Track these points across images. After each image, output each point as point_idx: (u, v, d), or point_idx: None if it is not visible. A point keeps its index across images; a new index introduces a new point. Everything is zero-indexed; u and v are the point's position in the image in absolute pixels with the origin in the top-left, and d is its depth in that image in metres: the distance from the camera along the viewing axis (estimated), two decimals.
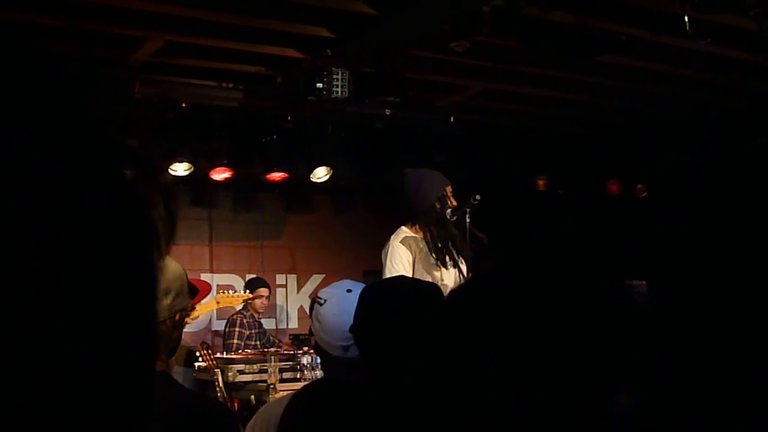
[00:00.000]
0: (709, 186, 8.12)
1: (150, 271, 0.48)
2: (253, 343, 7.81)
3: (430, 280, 4.86)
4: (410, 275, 4.78)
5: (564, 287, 1.08)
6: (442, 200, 4.92)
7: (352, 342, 2.45)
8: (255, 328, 7.98)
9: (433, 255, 4.85)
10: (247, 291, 8.13)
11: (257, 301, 8.05)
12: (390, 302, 2.31)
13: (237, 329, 7.81)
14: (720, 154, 8.15)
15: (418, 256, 4.89)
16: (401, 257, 4.83)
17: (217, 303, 7.41)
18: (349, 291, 2.67)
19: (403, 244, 4.86)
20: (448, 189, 5.00)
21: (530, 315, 1.04)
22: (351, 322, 2.36)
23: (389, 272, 4.67)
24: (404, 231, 4.93)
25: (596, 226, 8.59)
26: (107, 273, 0.44)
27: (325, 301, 2.73)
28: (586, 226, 8.63)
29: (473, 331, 1.06)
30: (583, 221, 8.66)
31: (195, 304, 2.53)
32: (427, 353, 1.15)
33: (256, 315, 8.07)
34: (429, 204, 4.91)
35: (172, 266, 2.33)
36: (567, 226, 8.63)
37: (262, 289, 8.13)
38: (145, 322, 0.47)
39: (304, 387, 2.27)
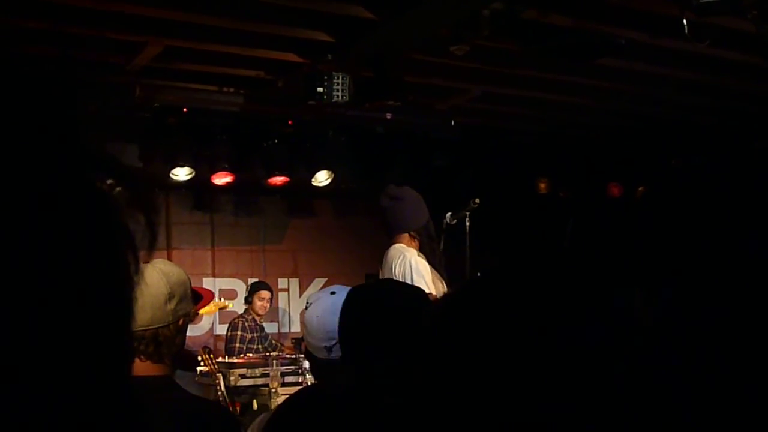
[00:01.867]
0: (711, 188, 8.13)
1: (123, 279, 0.47)
2: (255, 346, 7.83)
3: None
4: (432, 287, 4.83)
5: (561, 292, 1.08)
6: (430, 220, 5.03)
7: (334, 342, 2.47)
8: (257, 332, 8.00)
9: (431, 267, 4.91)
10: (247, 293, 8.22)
11: (258, 304, 8.08)
12: (371, 304, 2.31)
13: (239, 333, 7.84)
14: (721, 157, 8.16)
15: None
16: (427, 270, 4.87)
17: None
18: (333, 293, 2.68)
19: (420, 258, 4.91)
20: None
21: (526, 320, 1.04)
22: (333, 323, 2.36)
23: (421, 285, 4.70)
24: (406, 248, 4.97)
25: (598, 229, 8.60)
26: (78, 281, 0.44)
27: (310, 304, 2.76)
28: (588, 228, 8.64)
29: (467, 335, 1.07)
30: (585, 224, 8.67)
31: (198, 310, 2.55)
32: (418, 357, 1.15)
33: (257, 318, 8.09)
34: (425, 220, 4.99)
35: (176, 271, 2.35)
36: (568, 229, 8.63)
37: (262, 291, 8.16)
38: (117, 330, 0.47)
39: (292, 395, 2.28)
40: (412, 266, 4.81)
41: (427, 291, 4.58)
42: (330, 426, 2.00)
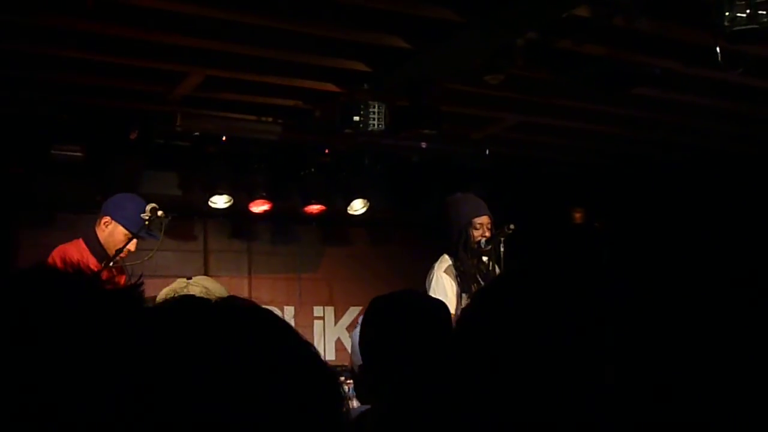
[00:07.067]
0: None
1: None
2: None
3: None
4: (454, 305, 4.82)
5: (573, 296, 1.11)
6: (464, 230, 4.94)
7: None
8: None
9: (459, 281, 4.88)
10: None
11: None
12: (389, 314, 2.35)
13: None
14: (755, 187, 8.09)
15: None
16: (445, 287, 4.86)
17: None
18: None
19: (447, 274, 4.89)
20: (478, 220, 4.99)
21: (537, 326, 1.07)
22: None
23: None
24: (446, 259, 4.96)
25: (633, 260, 8.54)
26: None
27: (359, 325, 2.82)
28: (624, 259, 8.59)
29: (481, 342, 1.10)
30: (620, 254, 8.61)
31: None
32: (440, 365, 1.19)
33: None
34: (454, 231, 4.96)
35: (218, 288, 2.42)
36: (603, 259, 8.59)
37: None
38: None
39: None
40: (432, 281, 4.87)
41: None
42: None
